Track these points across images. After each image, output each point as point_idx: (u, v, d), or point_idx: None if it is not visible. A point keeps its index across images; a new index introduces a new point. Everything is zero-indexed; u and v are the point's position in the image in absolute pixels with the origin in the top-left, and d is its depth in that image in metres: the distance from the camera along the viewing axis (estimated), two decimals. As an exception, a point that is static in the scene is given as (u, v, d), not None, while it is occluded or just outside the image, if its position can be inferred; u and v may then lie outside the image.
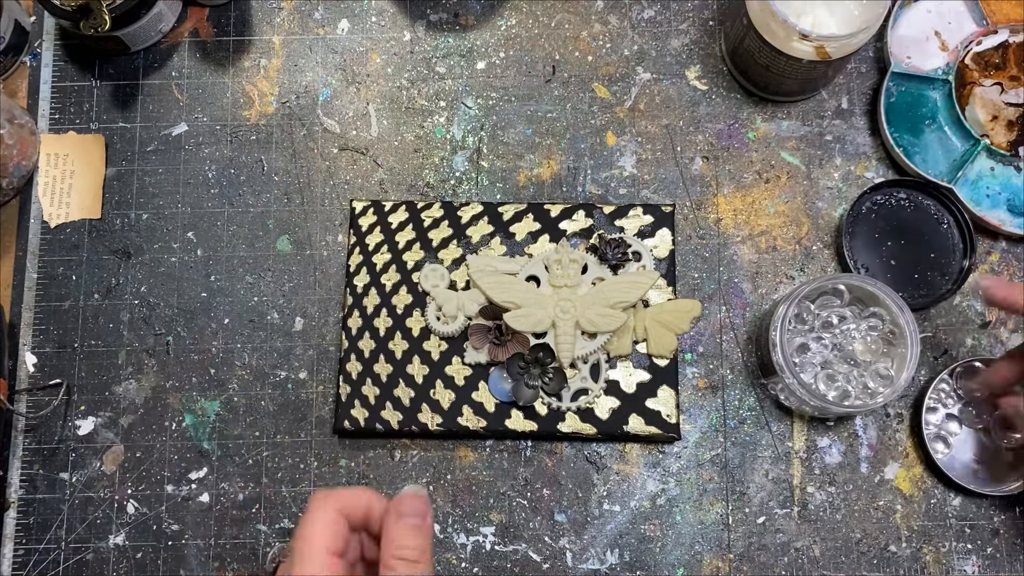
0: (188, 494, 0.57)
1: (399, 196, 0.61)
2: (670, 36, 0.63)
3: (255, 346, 0.59)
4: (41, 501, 0.57)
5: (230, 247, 0.61)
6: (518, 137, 0.62)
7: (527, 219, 0.59)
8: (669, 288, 0.58)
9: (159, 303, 0.60)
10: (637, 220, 0.59)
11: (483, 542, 0.56)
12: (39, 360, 0.59)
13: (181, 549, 0.56)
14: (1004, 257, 0.60)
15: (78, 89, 0.63)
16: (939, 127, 0.60)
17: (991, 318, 0.59)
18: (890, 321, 0.54)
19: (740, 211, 0.61)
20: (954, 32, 0.61)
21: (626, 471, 0.57)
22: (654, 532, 0.56)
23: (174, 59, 0.64)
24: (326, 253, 0.61)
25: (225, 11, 0.65)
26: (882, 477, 0.57)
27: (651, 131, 0.62)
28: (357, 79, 0.63)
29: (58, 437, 0.58)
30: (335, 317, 0.60)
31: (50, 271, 0.61)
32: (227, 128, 0.63)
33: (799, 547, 0.56)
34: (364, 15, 0.65)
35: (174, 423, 0.58)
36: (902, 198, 0.59)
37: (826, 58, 0.55)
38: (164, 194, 0.62)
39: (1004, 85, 0.60)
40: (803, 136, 0.62)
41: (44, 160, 0.62)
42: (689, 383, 0.58)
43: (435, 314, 0.57)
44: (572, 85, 0.63)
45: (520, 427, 0.56)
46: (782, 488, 0.57)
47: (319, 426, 0.58)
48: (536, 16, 0.64)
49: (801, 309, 0.56)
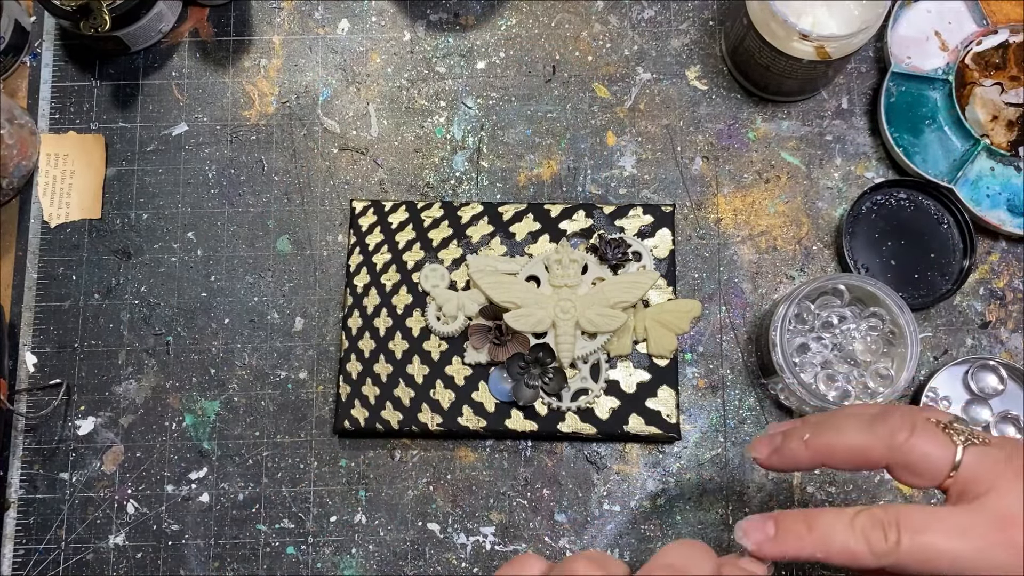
0: (188, 494, 0.57)
1: (399, 196, 0.61)
2: (670, 36, 0.63)
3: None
4: (41, 501, 0.57)
5: (230, 247, 0.61)
6: (518, 137, 0.62)
7: (527, 219, 0.59)
8: (669, 288, 0.58)
9: (159, 303, 0.60)
10: (637, 220, 0.59)
11: (483, 542, 0.56)
12: (39, 360, 0.59)
13: (181, 549, 0.56)
14: (1004, 257, 0.60)
15: (78, 89, 0.63)
16: (939, 127, 0.60)
17: (991, 318, 0.59)
18: (890, 321, 0.54)
19: (740, 211, 0.61)
20: (954, 32, 0.61)
21: (626, 471, 0.57)
22: (654, 532, 0.56)
23: (174, 59, 0.64)
24: (326, 253, 0.61)
25: (225, 11, 0.65)
26: (882, 477, 0.57)
27: (651, 131, 0.62)
28: (357, 79, 0.63)
29: (58, 437, 0.58)
30: (335, 317, 0.60)
31: (50, 271, 0.61)
32: (227, 128, 0.63)
33: (799, 547, 0.56)
34: (364, 15, 0.65)
35: (174, 423, 0.58)
36: (902, 198, 0.59)
37: (826, 58, 0.55)
38: (164, 194, 0.62)
39: (1004, 85, 0.60)
40: (803, 136, 0.62)
41: (44, 160, 0.62)
42: (689, 383, 0.58)
43: (435, 314, 0.57)
44: (572, 85, 0.63)
45: (520, 427, 0.56)
46: (782, 488, 0.57)
47: (319, 426, 0.58)
48: (536, 16, 0.64)
49: (801, 309, 0.56)
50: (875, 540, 0.35)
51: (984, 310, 0.59)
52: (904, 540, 0.34)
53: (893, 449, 0.37)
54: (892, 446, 0.37)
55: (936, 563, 0.34)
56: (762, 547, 0.37)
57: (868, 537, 0.35)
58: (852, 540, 0.35)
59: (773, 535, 0.37)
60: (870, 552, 0.35)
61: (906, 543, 0.34)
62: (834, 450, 0.38)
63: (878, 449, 0.37)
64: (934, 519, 0.35)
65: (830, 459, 0.39)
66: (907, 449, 0.37)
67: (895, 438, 0.37)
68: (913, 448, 0.37)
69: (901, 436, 0.37)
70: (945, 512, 0.35)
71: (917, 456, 0.36)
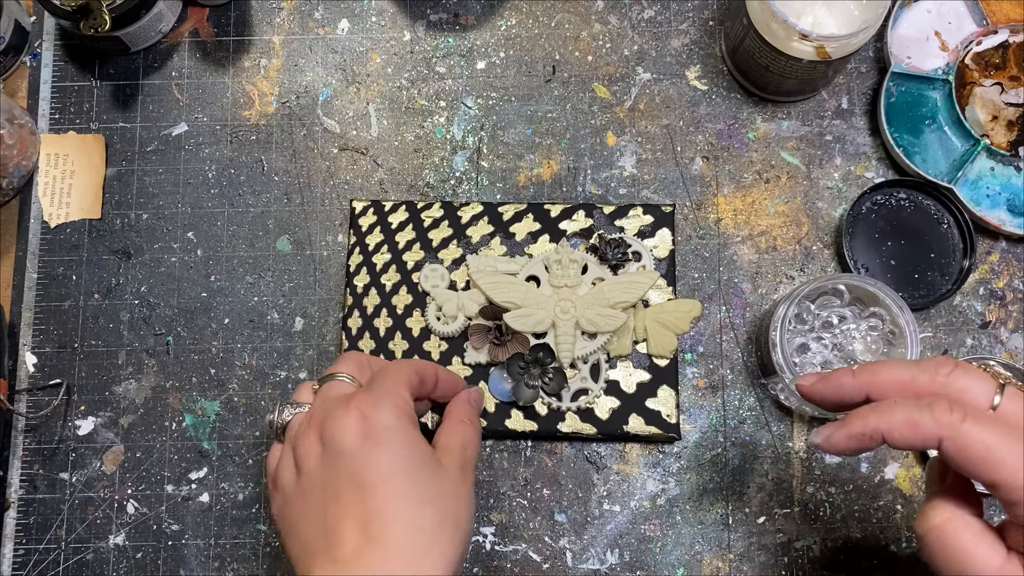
0: (188, 494, 0.57)
1: (399, 196, 0.61)
2: (670, 36, 0.63)
3: (255, 346, 0.59)
4: (41, 501, 0.57)
5: (230, 247, 0.61)
6: (518, 137, 0.62)
7: (527, 219, 0.59)
8: (669, 288, 0.58)
9: (159, 303, 0.60)
10: (637, 220, 0.59)
11: (483, 542, 0.56)
12: (39, 360, 0.59)
13: (181, 549, 0.56)
14: (1004, 257, 0.60)
15: (78, 89, 0.63)
16: (939, 127, 0.60)
17: (991, 318, 0.59)
18: (890, 321, 0.54)
19: (740, 211, 0.61)
20: (954, 32, 0.61)
21: (626, 471, 0.57)
22: (654, 532, 0.56)
23: (174, 59, 0.64)
24: (326, 253, 0.61)
25: (225, 11, 0.65)
26: (882, 477, 0.57)
27: (651, 131, 0.62)
28: (357, 79, 0.63)
29: (58, 437, 0.58)
30: (335, 317, 0.60)
31: (50, 271, 0.61)
32: (227, 128, 0.63)
33: (799, 547, 0.56)
34: (364, 15, 0.65)
35: (174, 423, 0.58)
36: (902, 198, 0.59)
37: (826, 58, 0.55)
38: (164, 194, 0.62)
39: (1004, 85, 0.60)
40: (803, 136, 0.62)
41: (44, 160, 0.62)
42: (689, 383, 0.58)
43: (435, 314, 0.57)
44: (572, 85, 0.63)
45: (520, 427, 0.56)
46: (782, 488, 0.57)
47: (319, 426, 0.58)
48: (536, 16, 0.64)
49: (801, 309, 0.56)
50: (940, 410, 0.35)
51: (984, 310, 0.59)
52: (968, 420, 0.35)
53: (936, 381, 0.38)
54: (935, 378, 0.38)
55: (985, 460, 0.35)
56: (831, 438, 0.38)
57: (932, 407, 0.36)
58: (916, 411, 0.36)
59: (840, 424, 0.38)
60: (934, 421, 0.35)
61: (969, 423, 0.35)
62: (880, 379, 0.39)
63: (922, 379, 0.38)
64: (994, 420, 0.36)
65: (875, 388, 0.39)
66: (949, 381, 0.37)
67: (940, 370, 0.38)
68: (955, 380, 0.37)
69: (945, 369, 0.38)
70: (1001, 423, 0.36)
71: (957, 388, 0.37)
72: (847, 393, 0.40)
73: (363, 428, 0.40)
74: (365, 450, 0.40)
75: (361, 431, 0.40)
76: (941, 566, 0.36)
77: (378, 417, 0.41)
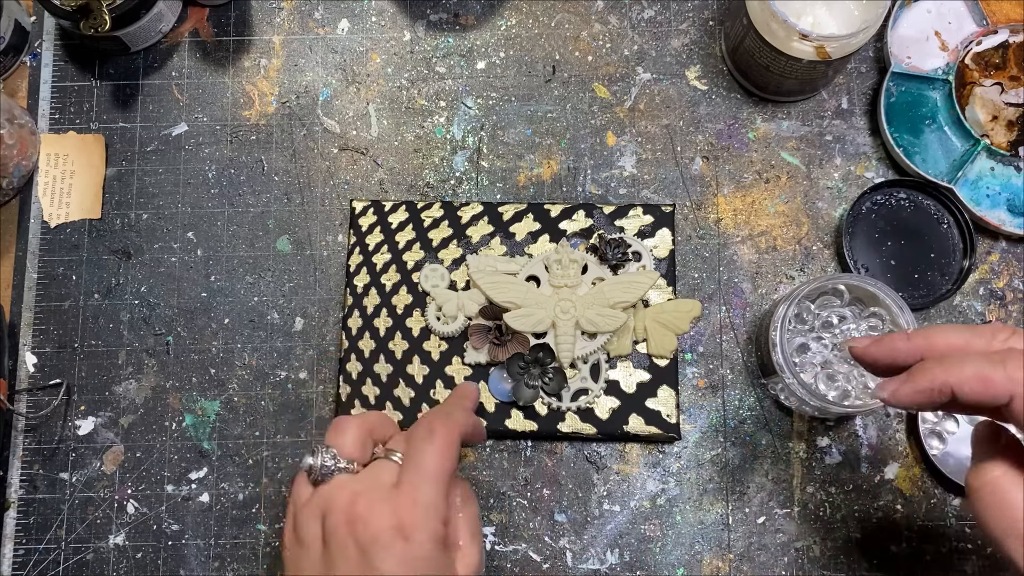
0: (188, 494, 0.57)
1: (399, 196, 0.61)
2: (670, 36, 0.63)
3: (255, 346, 0.59)
4: (41, 501, 0.57)
5: (230, 247, 0.61)
6: (518, 137, 0.62)
7: (527, 219, 0.59)
8: (669, 288, 0.58)
9: (159, 303, 0.60)
10: (637, 220, 0.59)
11: (483, 542, 0.56)
12: (39, 360, 0.59)
13: (181, 549, 0.56)
14: (1004, 257, 0.60)
15: (78, 89, 0.63)
16: (939, 127, 0.60)
17: (991, 318, 0.59)
18: (890, 321, 0.54)
19: (740, 211, 0.61)
20: (954, 32, 0.61)
21: (626, 471, 0.57)
22: (654, 532, 0.56)
23: (174, 59, 0.64)
24: (326, 253, 0.61)
25: (225, 11, 0.65)
26: (882, 477, 0.57)
27: (651, 131, 0.62)
28: (357, 79, 0.63)
29: (58, 437, 0.58)
30: (335, 317, 0.60)
31: (50, 271, 0.61)
32: (227, 128, 0.63)
33: (799, 547, 0.56)
34: (364, 15, 0.65)
35: (174, 423, 0.58)
36: (902, 198, 0.59)
37: (826, 58, 0.55)
38: (164, 194, 0.62)
39: (1004, 85, 0.60)
40: (803, 136, 0.62)
41: (44, 160, 0.62)
42: (689, 383, 0.58)
43: (435, 314, 0.57)
44: (572, 85, 0.63)
45: (520, 427, 0.56)
46: (782, 488, 0.57)
47: (319, 426, 0.58)
48: (536, 16, 0.64)
49: (801, 309, 0.56)
50: (1013, 366, 0.35)
51: (984, 310, 0.59)
52: None
53: (992, 346, 0.37)
54: (992, 343, 0.38)
55: None
56: (897, 392, 0.38)
57: (1005, 360, 0.35)
58: (988, 366, 0.35)
59: (906, 378, 0.37)
60: (1007, 377, 0.35)
61: None
62: (934, 342, 0.39)
63: (978, 344, 0.38)
64: None
65: (930, 353, 0.39)
66: (1007, 346, 0.37)
67: (997, 336, 0.38)
68: (1014, 344, 0.37)
69: (1003, 335, 0.38)
70: None
71: (1013, 354, 0.37)
72: (901, 356, 0.39)
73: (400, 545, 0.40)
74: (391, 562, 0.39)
75: (396, 542, 0.40)
76: (990, 520, 0.36)
77: (414, 536, 0.40)
